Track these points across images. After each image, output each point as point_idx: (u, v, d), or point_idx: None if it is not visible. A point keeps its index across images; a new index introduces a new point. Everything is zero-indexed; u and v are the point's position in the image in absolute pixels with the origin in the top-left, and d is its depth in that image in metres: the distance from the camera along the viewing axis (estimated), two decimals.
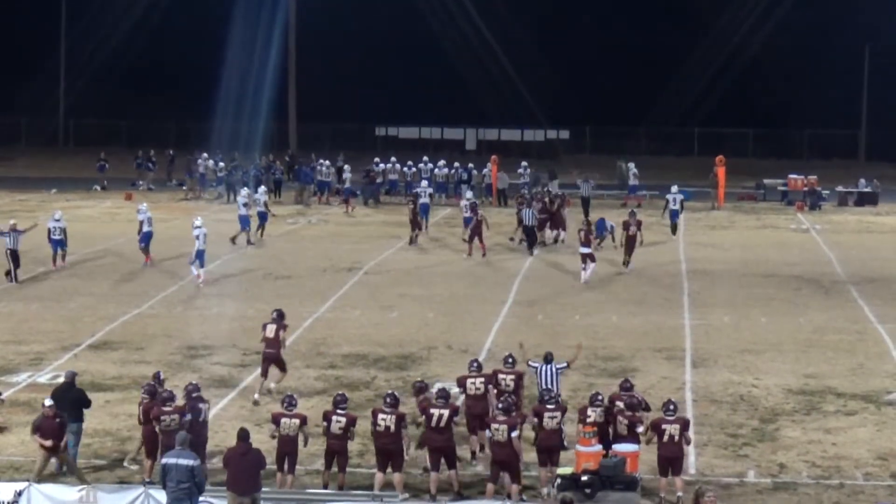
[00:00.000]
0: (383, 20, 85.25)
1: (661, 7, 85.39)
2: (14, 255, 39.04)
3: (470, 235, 45.01)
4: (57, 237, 41.68)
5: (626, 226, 42.30)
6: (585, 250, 40.46)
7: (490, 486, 21.17)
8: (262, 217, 48.63)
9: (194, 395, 22.12)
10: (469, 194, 52.84)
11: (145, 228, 42.56)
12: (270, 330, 27.32)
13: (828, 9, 79.93)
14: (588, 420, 22.08)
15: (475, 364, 23.88)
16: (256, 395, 26.96)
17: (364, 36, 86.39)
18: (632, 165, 62.52)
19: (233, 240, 46.74)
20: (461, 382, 23.69)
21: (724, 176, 60.21)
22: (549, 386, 23.63)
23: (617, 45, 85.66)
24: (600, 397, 22.73)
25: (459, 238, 47.63)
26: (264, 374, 27.32)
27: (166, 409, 21.61)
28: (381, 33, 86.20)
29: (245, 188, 50.62)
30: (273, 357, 27.21)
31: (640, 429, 21.58)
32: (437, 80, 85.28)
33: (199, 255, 39.68)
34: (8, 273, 38.96)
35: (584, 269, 40.36)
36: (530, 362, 24.52)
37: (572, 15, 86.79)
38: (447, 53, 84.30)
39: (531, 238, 46.13)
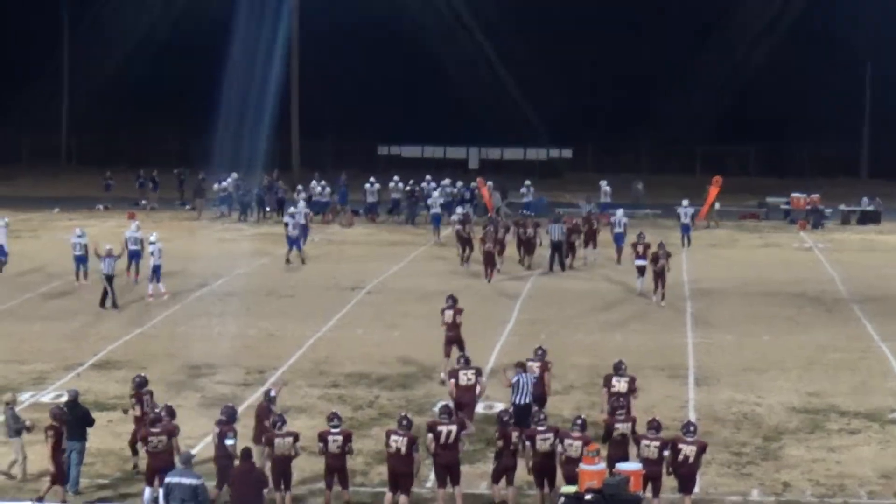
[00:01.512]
0: (386, 39, 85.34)
1: (662, 26, 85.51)
2: (110, 281, 38.54)
3: (486, 259, 44.19)
4: (78, 253, 42.19)
5: (654, 258, 40.24)
6: (641, 262, 41.29)
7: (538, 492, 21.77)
8: (305, 230, 49.43)
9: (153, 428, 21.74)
10: (459, 209, 52.96)
11: (131, 247, 42.54)
12: (448, 315, 30.41)
13: (829, 27, 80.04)
14: (613, 388, 24.33)
15: (463, 359, 26.15)
16: (442, 374, 29.13)
17: (366, 54, 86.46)
18: (603, 183, 62.55)
19: (287, 259, 47.11)
20: (453, 374, 25.78)
21: (713, 195, 59.38)
22: (526, 396, 24.83)
23: (619, 63, 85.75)
24: (624, 366, 24.93)
25: (462, 257, 47.47)
26: (447, 354, 30.06)
27: (154, 430, 21.56)
28: (384, 52, 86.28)
29: (292, 206, 50.83)
30: (454, 339, 30.21)
31: (667, 453, 21.25)
32: (440, 99, 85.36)
33: (156, 269, 39.99)
34: (105, 298, 38.48)
35: (640, 279, 41.54)
36: (511, 377, 25.37)
37: (574, 34, 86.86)
38: (450, 72, 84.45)
39: (559, 254, 46.19)
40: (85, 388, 28.38)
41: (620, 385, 24.52)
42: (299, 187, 60.58)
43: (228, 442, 21.53)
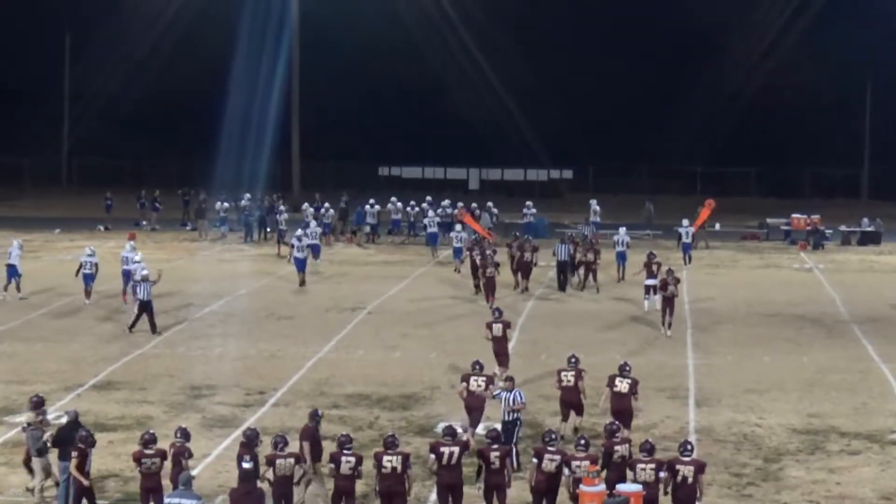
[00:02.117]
0: (386, 60, 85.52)
1: (663, 47, 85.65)
2: (145, 307, 37.57)
3: (487, 285, 43.05)
4: (88, 271, 42.48)
5: (664, 285, 38.80)
6: (651, 282, 41.66)
7: None
8: (316, 250, 50.73)
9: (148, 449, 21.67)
10: (459, 227, 53.31)
11: (124, 267, 42.59)
12: (497, 329, 31.49)
13: (829, 47, 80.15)
14: (615, 388, 25.95)
15: (478, 366, 26.69)
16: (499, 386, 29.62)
17: (367, 75, 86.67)
18: (593, 202, 62.63)
19: (302, 282, 46.87)
20: (465, 378, 26.57)
21: (704, 216, 58.44)
22: (511, 413, 25.07)
23: (619, 84, 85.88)
24: (628, 367, 26.30)
25: (462, 278, 47.39)
26: (502, 364, 31.19)
27: (147, 451, 21.54)
28: (385, 73, 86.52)
29: (300, 229, 50.95)
30: (501, 352, 31.49)
31: (663, 474, 21.06)
32: (441, 119, 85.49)
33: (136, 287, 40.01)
34: (137, 321, 37.71)
35: (647, 298, 42.07)
36: (494, 394, 25.83)
37: (575, 55, 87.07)
38: (450, 93, 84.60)
39: (563, 275, 46.20)
40: (85, 408, 28.38)
41: (622, 385, 26.04)
42: (280, 207, 60.69)
43: (245, 465, 21.44)
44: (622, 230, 50.01)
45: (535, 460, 21.66)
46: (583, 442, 21.68)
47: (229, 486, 21.88)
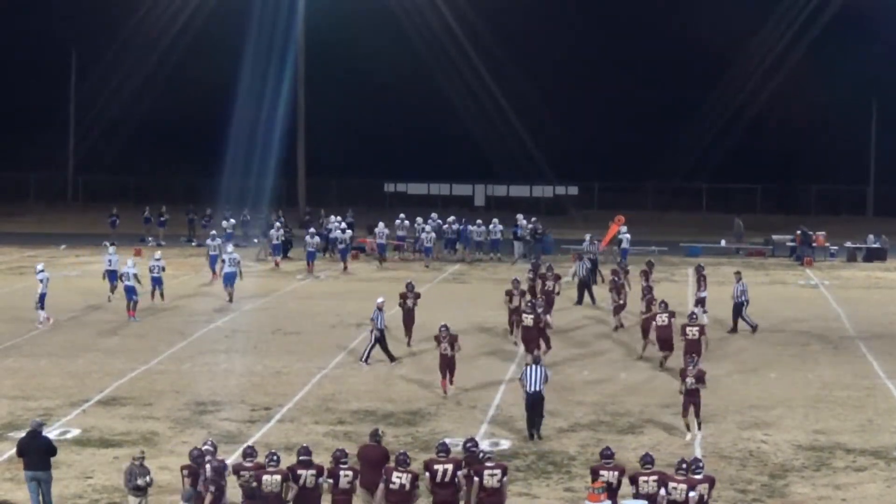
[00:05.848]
0: (392, 77, 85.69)
1: (668, 64, 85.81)
2: (381, 335, 36.35)
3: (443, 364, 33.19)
4: (156, 275, 44.72)
5: (682, 376, 29.78)
6: (702, 294, 43.12)
7: None
8: (381, 248, 57.84)
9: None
10: (428, 227, 57.45)
11: (126, 283, 42.75)
12: (528, 319, 34.60)
13: (835, 64, 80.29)
14: (688, 336, 32.61)
15: (663, 303, 35.05)
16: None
17: (373, 92, 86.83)
18: (520, 217, 62.53)
19: (230, 299, 46.64)
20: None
21: (613, 231, 58.37)
22: (536, 385, 27.63)
23: (625, 101, 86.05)
24: (695, 315, 33.30)
25: (467, 294, 47.29)
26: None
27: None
28: (391, 90, 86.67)
29: (229, 245, 50.86)
30: (536, 337, 34.61)
31: (663, 492, 20.79)
32: (446, 136, 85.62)
33: (41, 298, 41.16)
34: (385, 351, 36.42)
35: (703, 312, 42.38)
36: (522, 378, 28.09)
37: (580, 72, 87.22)
38: (456, 110, 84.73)
39: (587, 289, 47.23)
40: (91, 424, 28.42)
41: (692, 332, 33.22)
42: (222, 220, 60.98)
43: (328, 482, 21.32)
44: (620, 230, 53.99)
45: (476, 478, 21.23)
46: (648, 458, 21.55)
47: (234, 502, 21.85)
